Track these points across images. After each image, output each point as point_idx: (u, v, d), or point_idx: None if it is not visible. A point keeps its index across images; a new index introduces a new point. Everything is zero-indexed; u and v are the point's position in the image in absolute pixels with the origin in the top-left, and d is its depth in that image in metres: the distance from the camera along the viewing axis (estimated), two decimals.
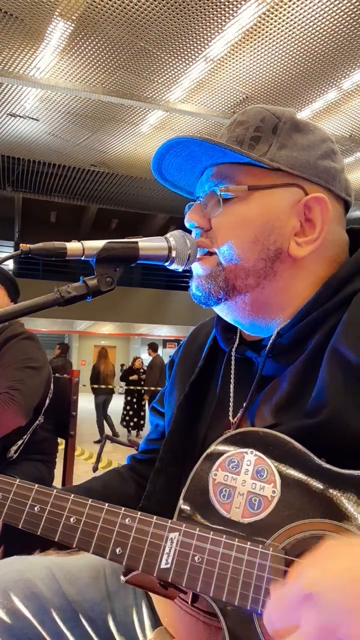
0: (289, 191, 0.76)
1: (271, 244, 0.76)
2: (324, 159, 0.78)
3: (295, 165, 0.76)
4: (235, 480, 0.64)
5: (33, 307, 0.73)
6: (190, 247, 0.78)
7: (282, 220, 0.76)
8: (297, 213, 0.76)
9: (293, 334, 0.73)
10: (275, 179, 0.76)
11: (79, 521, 0.65)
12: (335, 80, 7.58)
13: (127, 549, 0.62)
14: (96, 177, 12.87)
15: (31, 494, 0.68)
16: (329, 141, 0.81)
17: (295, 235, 0.76)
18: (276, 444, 0.65)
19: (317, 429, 0.64)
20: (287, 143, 0.77)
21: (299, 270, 0.77)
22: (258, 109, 0.80)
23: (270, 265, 0.76)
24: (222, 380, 0.84)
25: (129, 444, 2.64)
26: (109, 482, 0.95)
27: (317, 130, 0.81)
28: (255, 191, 0.76)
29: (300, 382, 0.70)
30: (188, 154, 0.79)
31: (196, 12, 5.98)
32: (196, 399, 0.86)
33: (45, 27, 6.40)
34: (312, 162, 0.77)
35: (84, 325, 20.31)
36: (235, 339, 0.85)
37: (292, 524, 0.60)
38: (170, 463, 0.81)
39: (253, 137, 0.78)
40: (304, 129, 0.79)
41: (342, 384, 0.65)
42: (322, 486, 0.61)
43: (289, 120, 0.79)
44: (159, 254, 0.77)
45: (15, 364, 1.91)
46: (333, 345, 0.68)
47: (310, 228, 0.76)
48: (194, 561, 0.60)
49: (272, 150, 0.76)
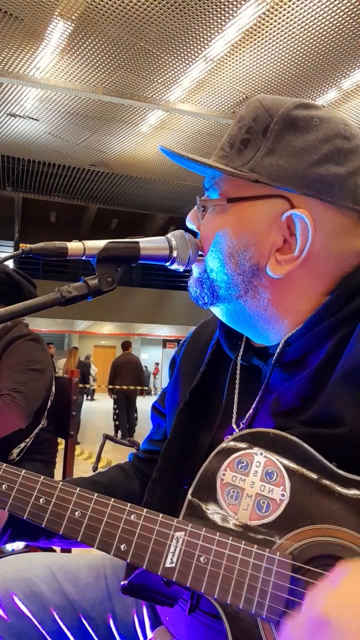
0: (272, 203, 0.70)
1: (246, 260, 0.71)
2: (321, 165, 0.69)
3: (278, 175, 0.69)
4: (244, 482, 0.63)
5: (33, 307, 0.72)
6: (192, 247, 0.77)
7: (258, 235, 0.71)
8: (280, 227, 0.70)
9: (302, 344, 0.70)
10: (258, 189, 0.70)
11: (84, 515, 0.65)
12: (335, 80, 7.57)
13: (132, 545, 0.62)
14: (96, 177, 12.87)
15: (37, 486, 0.67)
16: (337, 139, 0.70)
17: (277, 251, 0.71)
18: (287, 446, 0.63)
19: (330, 440, 0.62)
20: (276, 147, 0.70)
21: (287, 287, 0.72)
22: (256, 103, 0.74)
23: (249, 280, 0.72)
24: (228, 389, 0.81)
25: (128, 444, 2.64)
26: (114, 477, 0.93)
27: (325, 124, 0.71)
28: (235, 203, 0.72)
29: (307, 393, 0.68)
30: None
31: (196, 12, 5.98)
32: (198, 407, 0.83)
33: (45, 27, 6.39)
34: (301, 170, 0.69)
35: (84, 325, 20.29)
36: (241, 345, 0.81)
37: (301, 529, 0.59)
38: (168, 473, 0.79)
39: (243, 140, 0.73)
40: (304, 127, 0.70)
41: (359, 397, 0.63)
42: (332, 491, 0.60)
43: (283, 118, 0.71)
44: (160, 254, 0.76)
45: (18, 365, 1.90)
46: (346, 357, 0.65)
47: (293, 244, 0.70)
48: (199, 562, 0.59)
49: (256, 158, 0.70)
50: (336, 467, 0.61)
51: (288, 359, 0.72)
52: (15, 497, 0.67)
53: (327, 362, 0.67)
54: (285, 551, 0.58)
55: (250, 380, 0.78)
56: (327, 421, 0.63)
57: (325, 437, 0.63)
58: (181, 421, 0.81)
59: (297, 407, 0.68)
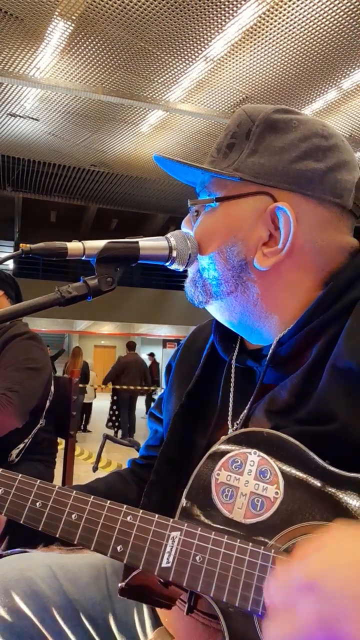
0: (257, 200, 0.74)
1: (235, 255, 0.75)
2: (300, 161, 0.73)
3: (260, 173, 0.74)
4: (238, 481, 0.64)
5: (33, 307, 0.73)
6: (191, 247, 0.78)
7: (245, 230, 0.75)
8: (265, 222, 0.74)
9: (293, 343, 0.72)
10: (242, 188, 0.75)
11: (81, 518, 0.65)
12: (335, 80, 7.58)
13: (128, 546, 0.62)
14: (96, 177, 12.87)
15: (33, 490, 0.68)
16: (315, 137, 0.75)
17: (263, 245, 0.74)
18: (280, 445, 0.64)
19: (323, 437, 0.63)
20: (258, 148, 0.75)
21: (275, 281, 0.75)
22: (240, 111, 0.79)
23: (238, 275, 0.75)
24: (223, 391, 0.82)
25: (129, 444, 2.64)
26: (111, 483, 0.94)
27: (303, 125, 0.76)
28: (223, 202, 0.76)
29: (301, 391, 0.69)
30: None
31: (196, 12, 5.98)
32: (194, 409, 0.84)
33: (45, 27, 6.40)
34: (282, 167, 0.73)
35: (84, 325, 20.30)
36: (235, 348, 0.83)
37: (295, 526, 0.59)
38: (166, 475, 0.80)
39: (228, 145, 0.78)
40: (283, 128, 0.75)
41: (349, 394, 0.64)
42: (326, 488, 0.60)
43: (263, 121, 0.76)
44: (160, 253, 0.77)
45: (15, 364, 1.90)
46: (336, 354, 0.66)
47: (278, 237, 0.74)
48: (195, 561, 0.60)
49: (240, 159, 0.75)
50: (329, 464, 0.62)
51: (280, 358, 0.74)
52: (12, 501, 0.68)
53: (319, 360, 0.68)
54: (279, 548, 0.59)
55: (245, 382, 0.80)
56: (321, 418, 0.65)
57: (318, 435, 0.64)
58: (177, 424, 0.82)
59: (292, 406, 0.69)
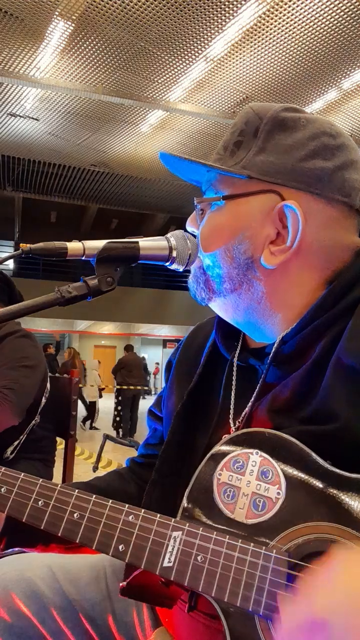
0: (265, 198, 0.73)
1: (242, 253, 0.74)
2: (309, 159, 0.72)
3: (269, 171, 0.73)
4: (240, 481, 0.64)
5: (33, 307, 0.72)
6: (191, 247, 0.78)
7: (253, 228, 0.74)
8: (273, 220, 0.73)
9: (297, 341, 0.71)
10: (250, 186, 0.74)
11: (83, 517, 0.65)
12: (335, 80, 7.58)
13: (129, 546, 0.62)
14: (96, 177, 12.88)
15: (35, 488, 0.68)
16: (324, 136, 0.74)
17: (271, 243, 0.74)
18: (282, 445, 0.64)
19: (325, 436, 0.63)
20: (266, 146, 0.74)
21: (280, 279, 0.74)
22: (247, 109, 0.78)
23: (244, 273, 0.75)
24: (225, 389, 0.82)
25: (128, 444, 2.64)
26: (111, 481, 0.94)
27: (312, 124, 0.75)
28: (230, 200, 0.76)
29: (303, 389, 0.69)
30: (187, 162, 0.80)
31: (196, 12, 5.99)
32: (195, 408, 0.84)
33: (45, 27, 6.40)
34: (290, 165, 0.72)
35: (84, 325, 20.30)
36: (237, 346, 0.83)
37: (297, 526, 0.59)
38: (167, 474, 0.80)
39: (236, 142, 0.77)
40: (292, 127, 0.74)
41: (351, 393, 0.64)
42: (328, 489, 0.60)
43: (271, 119, 0.75)
44: (160, 253, 0.77)
45: (10, 362, 1.90)
46: (338, 353, 0.66)
47: (286, 236, 0.73)
48: (197, 561, 0.59)
49: (248, 156, 0.74)
50: (330, 465, 0.61)
51: (283, 356, 0.73)
52: (15, 499, 0.68)
53: (322, 359, 0.68)
54: (281, 549, 0.59)
55: (247, 380, 0.79)
56: (323, 417, 0.64)
57: (320, 434, 0.63)
58: (178, 423, 0.82)
59: (294, 405, 0.69)
